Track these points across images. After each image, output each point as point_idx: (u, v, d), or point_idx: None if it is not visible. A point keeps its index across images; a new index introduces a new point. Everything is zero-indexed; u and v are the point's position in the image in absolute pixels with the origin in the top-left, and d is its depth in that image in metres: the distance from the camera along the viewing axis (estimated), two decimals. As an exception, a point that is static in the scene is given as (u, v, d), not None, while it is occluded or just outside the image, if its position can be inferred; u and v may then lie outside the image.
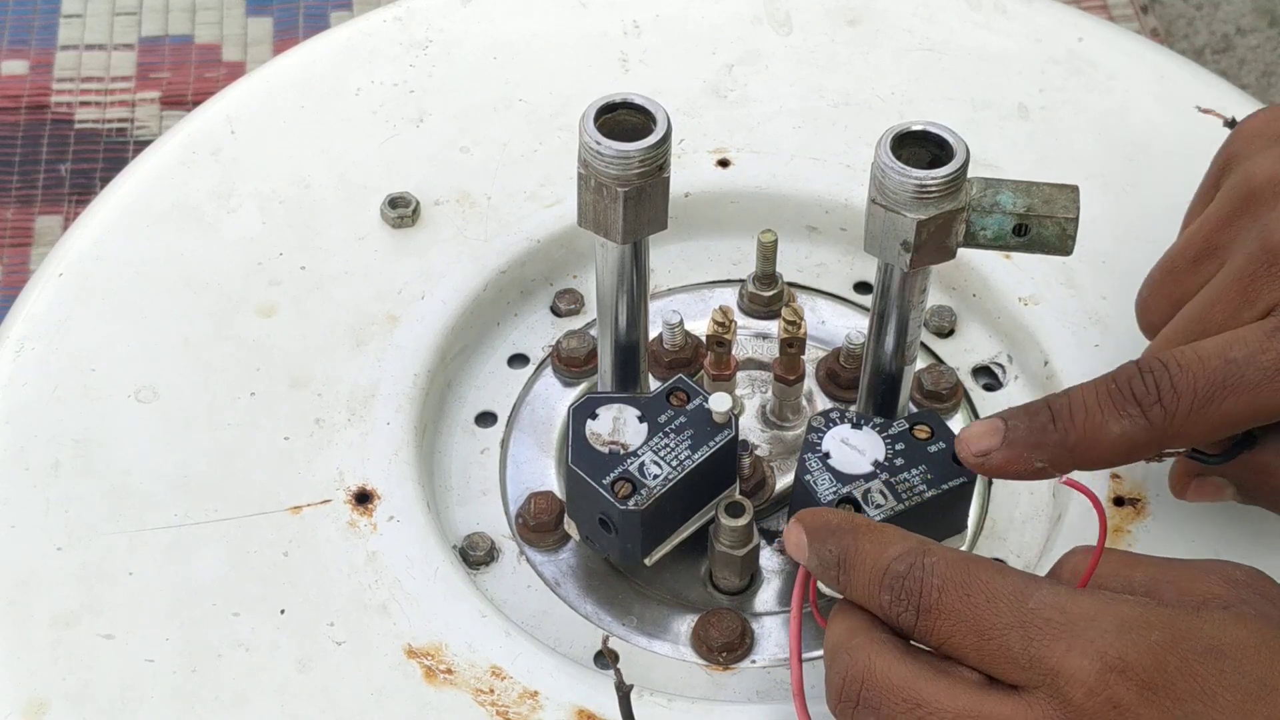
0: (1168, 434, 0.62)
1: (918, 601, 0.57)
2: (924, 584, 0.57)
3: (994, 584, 0.57)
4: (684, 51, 0.88)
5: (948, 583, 0.57)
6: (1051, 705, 0.55)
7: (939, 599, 0.57)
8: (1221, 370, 0.61)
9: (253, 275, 0.78)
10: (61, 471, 0.72)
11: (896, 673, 0.57)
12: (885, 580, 0.58)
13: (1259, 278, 0.63)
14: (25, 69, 1.51)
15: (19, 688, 0.66)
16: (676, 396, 0.68)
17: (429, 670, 0.67)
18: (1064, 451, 0.62)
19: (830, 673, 0.59)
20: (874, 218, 0.62)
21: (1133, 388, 0.62)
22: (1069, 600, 0.56)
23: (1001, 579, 0.57)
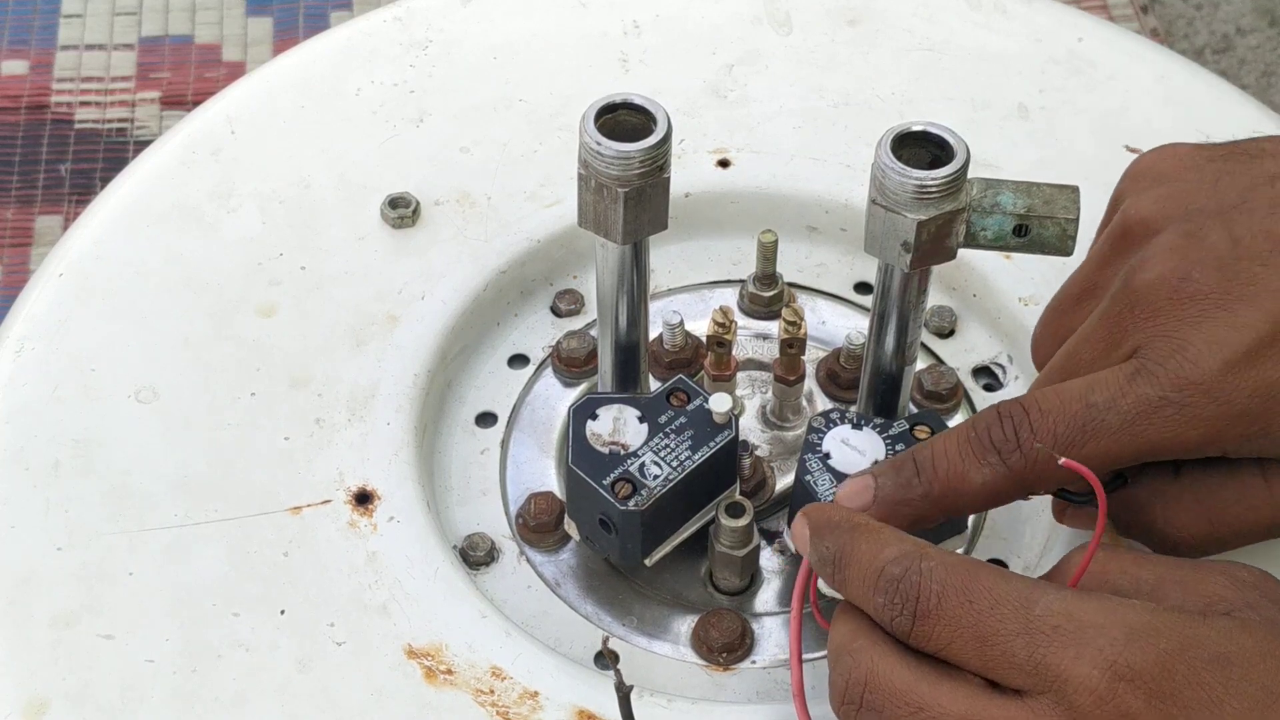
0: (1028, 480, 0.62)
1: (914, 606, 0.57)
2: (920, 588, 0.57)
3: (997, 589, 0.56)
4: (684, 51, 0.88)
5: (947, 588, 0.56)
6: (1057, 710, 0.54)
7: (938, 604, 0.56)
8: (1082, 415, 0.61)
9: (253, 275, 0.78)
10: (61, 471, 0.72)
11: (899, 676, 0.57)
12: (880, 583, 0.58)
13: (1124, 318, 0.63)
14: (25, 69, 1.51)
15: (19, 687, 0.66)
16: (677, 397, 0.68)
17: (429, 671, 0.67)
18: (930, 503, 0.62)
19: (833, 674, 0.59)
20: (874, 218, 0.62)
21: (991, 435, 0.61)
22: (1076, 606, 0.55)
23: (1005, 584, 0.56)
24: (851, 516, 0.61)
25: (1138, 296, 0.63)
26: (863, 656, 0.58)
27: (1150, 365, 0.61)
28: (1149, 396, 0.61)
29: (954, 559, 0.57)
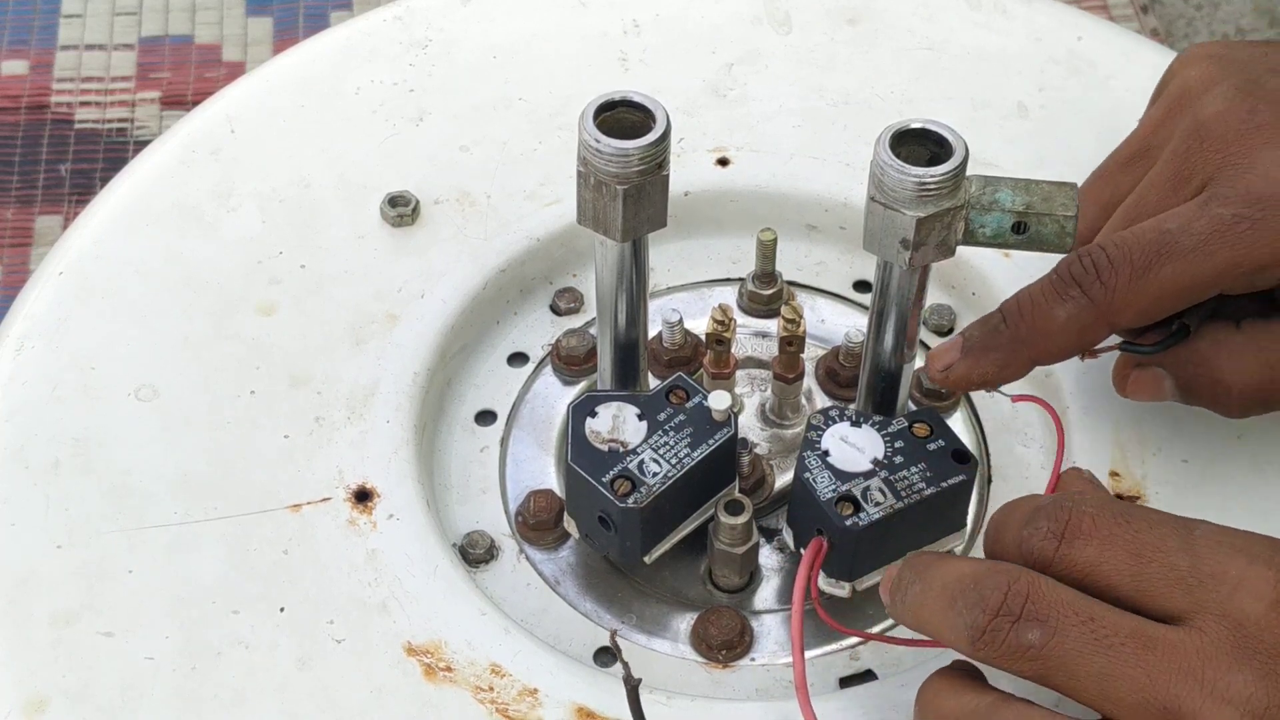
0: (1111, 310, 0.63)
1: (1062, 528, 0.56)
2: (1072, 512, 0.56)
3: (1152, 514, 0.57)
4: (684, 51, 0.88)
5: (1102, 509, 0.56)
6: (1222, 627, 0.53)
7: (1090, 524, 0.56)
8: (1156, 239, 0.63)
9: (252, 274, 0.78)
10: (61, 470, 0.72)
11: (1063, 591, 0.55)
12: (1031, 514, 0.57)
13: (1191, 155, 0.65)
14: (25, 69, 1.51)
15: (19, 686, 0.66)
16: (676, 395, 0.68)
17: (428, 668, 0.67)
18: (1017, 345, 0.63)
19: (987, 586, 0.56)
20: (873, 216, 0.62)
21: (1072, 271, 0.63)
22: (1233, 532, 0.55)
23: (1157, 513, 0.57)
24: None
25: (1207, 130, 0.64)
26: (1020, 573, 0.56)
27: (1222, 190, 0.62)
28: (1222, 216, 0.62)
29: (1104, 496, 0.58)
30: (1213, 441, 0.73)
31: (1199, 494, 0.71)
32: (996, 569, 0.57)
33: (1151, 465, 0.72)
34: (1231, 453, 0.73)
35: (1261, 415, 0.68)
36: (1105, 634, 0.54)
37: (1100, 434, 0.73)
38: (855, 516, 0.65)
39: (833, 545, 0.65)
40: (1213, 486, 0.72)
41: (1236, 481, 0.72)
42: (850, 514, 0.65)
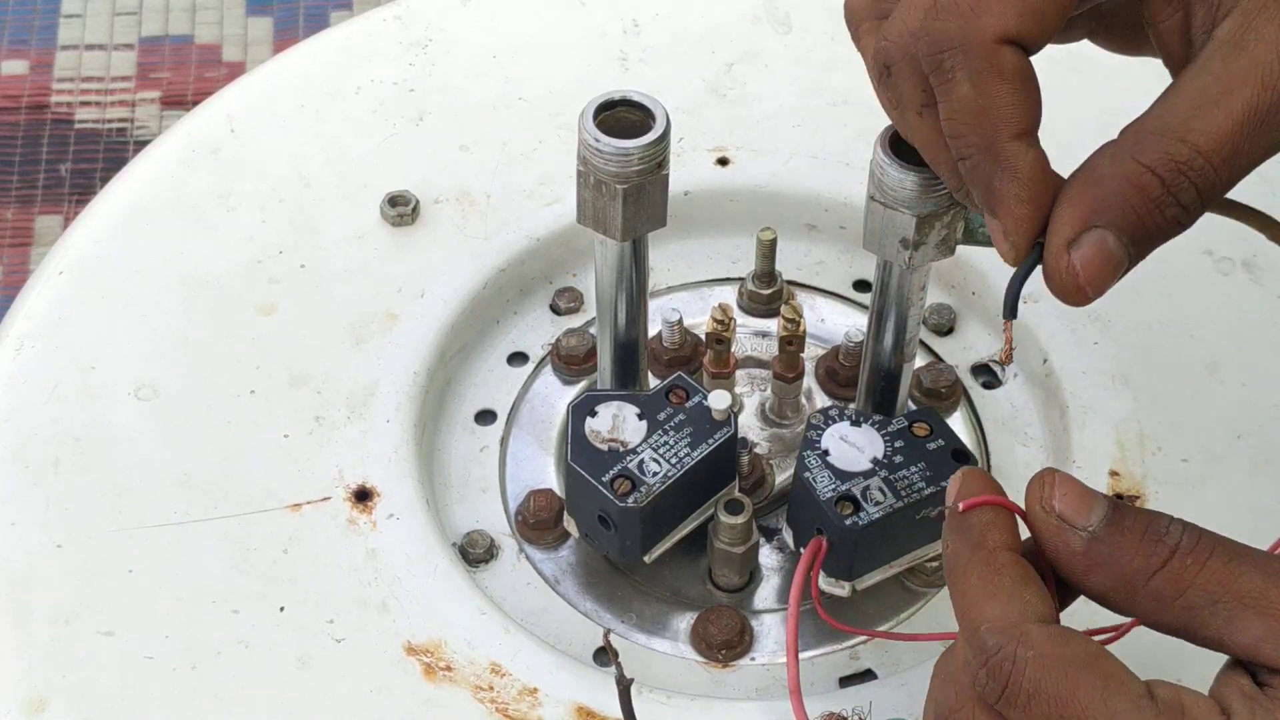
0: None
1: (1001, 690, 0.52)
2: (1011, 677, 0.51)
3: (1092, 710, 0.50)
4: (683, 50, 0.88)
5: (1040, 689, 0.51)
6: None
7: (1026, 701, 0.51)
8: None
9: (252, 273, 0.78)
10: (61, 469, 0.72)
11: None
12: (973, 641, 0.53)
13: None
14: (25, 69, 1.51)
15: (19, 685, 0.66)
16: (676, 394, 0.68)
17: (428, 667, 0.67)
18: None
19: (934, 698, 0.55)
20: (873, 215, 0.62)
21: None
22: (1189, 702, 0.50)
23: (1103, 704, 0.50)
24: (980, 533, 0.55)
25: None
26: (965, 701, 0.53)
27: None
28: None
29: (1054, 652, 0.51)
30: (1213, 441, 0.73)
31: (1199, 494, 0.71)
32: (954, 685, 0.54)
33: (1151, 465, 0.72)
34: (1231, 453, 0.73)
35: (1261, 415, 0.67)
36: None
37: (1100, 434, 0.73)
38: (855, 516, 0.65)
39: (832, 545, 0.65)
40: (1213, 486, 0.72)
41: (1236, 481, 0.72)
42: (850, 513, 0.65)
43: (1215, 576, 0.52)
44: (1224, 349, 0.76)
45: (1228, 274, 0.78)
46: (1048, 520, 0.54)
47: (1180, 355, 0.76)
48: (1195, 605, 0.52)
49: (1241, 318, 0.77)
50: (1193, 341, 0.77)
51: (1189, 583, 0.52)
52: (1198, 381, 0.75)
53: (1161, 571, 0.53)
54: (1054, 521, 0.54)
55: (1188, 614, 0.52)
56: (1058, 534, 0.54)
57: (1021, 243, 0.55)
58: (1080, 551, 0.53)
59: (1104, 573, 0.53)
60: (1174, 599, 0.52)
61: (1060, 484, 0.54)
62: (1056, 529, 0.54)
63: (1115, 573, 0.53)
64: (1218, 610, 0.52)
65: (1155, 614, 0.53)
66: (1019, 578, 0.53)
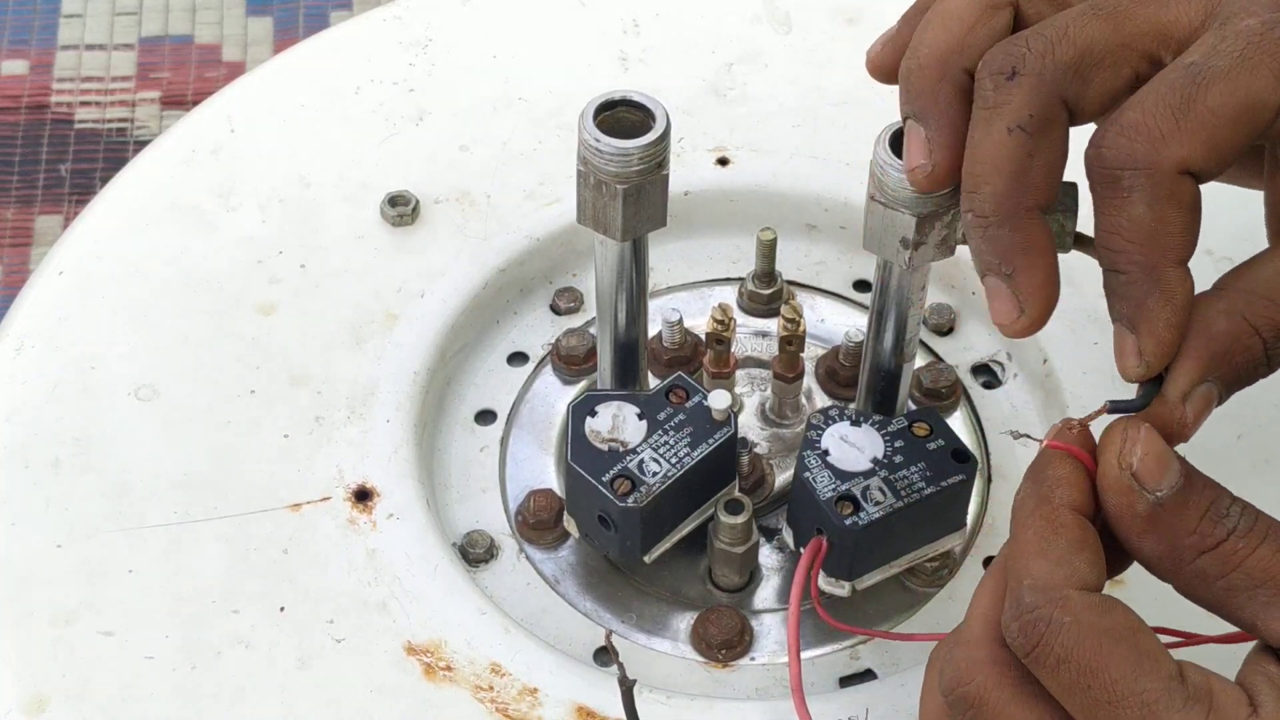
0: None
1: (1031, 650, 0.51)
2: (1044, 640, 0.51)
3: (1122, 685, 0.50)
4: (683, 50, 0.88)
5: (1071, 656, 0.51)
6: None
7: (1055, 666, 0.51)
8: (1184, 75, 0.54)
9: (252, 273, 0.78)
10: (61, 469, 0.72)
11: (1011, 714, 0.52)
12: (1011, 598, 0.52)
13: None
14: (25, 69, 1.51)
15: (19, 685, 0.66)
16: (676, 394, 0.68)
17: (428, 667, 0.67)
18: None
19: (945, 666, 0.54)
20: (873, 215, 0.62)
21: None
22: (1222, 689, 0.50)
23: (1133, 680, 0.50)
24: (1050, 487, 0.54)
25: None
26: (978, 671, 0.53)
27: (1234, 6, 0.54)
28: (1252, 27, 0.53)
29: (1092, 621, 0.51)
30: (1213, 441, 0.73)
31: (1199, 493, 0.71)
32: (967, 652, 0.54)
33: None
34: (1231, 453, 0.73)
35: (1261, 415, 0.67)
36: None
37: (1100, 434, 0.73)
38: (855, 516, 0.65)
39: (832, 545, 0.65)
40: (1212, 486, 0.72)
41: (1236, 481, 0.72)
42: (850, 513, 0.65)
43: (1262, 563, 0.52)
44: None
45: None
46: (1120, 478, 0.54)
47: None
48: (1236, 587, 0.52)
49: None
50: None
51: (1235, 565, 0.53)
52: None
53: (1212, 552, 0.53)
54: (1126, 479, 0.54)
55: (1226, 594, 0.53)
56: (1125, 493, 0.54)
57: (1156, 365, 0.55)
58: (1143, 515, 0.53)
59: (1157, 541, 0.53)
60: (1217, 579, 0.53)
61: (1144, 444, 0.54)
62: (1126, 488, 0.54)
63: (1169, 543, 0.53)
64: (1257, 595, 0.52)
65: (1195, 589, 0.53)
66: (1075, 541, 0.53)
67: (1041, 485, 0.54)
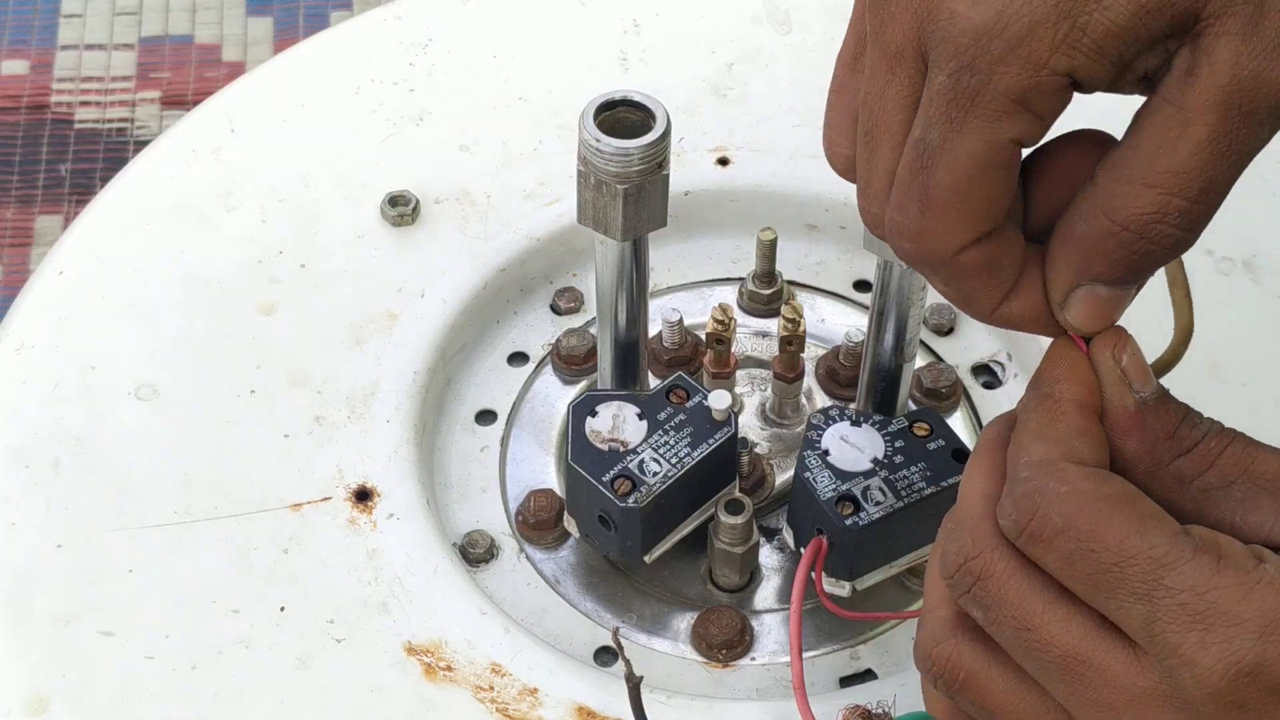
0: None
1: (1023, 526, 0.51)
2: (1039, 513, 0.51)
3: (1128, 545, 0.49)
4: (684, 50, 0.88)
5: (1070, 525, 0.50)
6: (1166, 684, 0.50)
7: (1053, 536, 0.50)
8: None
9: (253, 273, 0.78)
10: (61, 469, 0.72)
11: (1014, 585, 0.52)
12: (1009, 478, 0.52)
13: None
14: (25, 69, 1.51)
15: (19, 685, 0.66)
16: (676, 394, 0.68)
17: (429, 667, 0.67)
18: None
19: (948, 545, 0.54)
20: (873, 215, 0.62)
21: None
22: (1212, 583, 0.49)
23: (1139, 539, 0.50)
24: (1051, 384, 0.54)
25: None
26: (983, 545, 0.52)
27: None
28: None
29: (1090, 488, 0.51)
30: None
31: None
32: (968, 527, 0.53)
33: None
34: (1231, 452, 0.73)
35: (1261, 415, 0.67)
36: (1037, 647, 0.51)
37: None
38: (855, 516, 0.65)
39: (833, 545, 0.65)
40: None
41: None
42: (850, 513, 0.65)
43: (1233, 459, 0.53)
44: (1224, 349, 0.76)
45: (1228, 274, 0.79)
46: (1113, 369, 0.54)
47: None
48: (1211, 486, 0.53)
49: (1241, 318, 0.77)
50: (1193, 341, 0.77)
51: (1209, 463, 0.53)
52: (1198, 381, 0.75)
53: (1188, 454, 0.53)
54: (1117, 373, 0.54)
55: (1203, 495, 0.53)
56: (1118, 385, 0.54)
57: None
58: (1131, 411, 0.54)
59: (1140, 439, 0.53)
60: (1192, 479, 0.53)
61: (1132, 348, 0.54)
62: (1118, 381, 0.54)
63: (1149, 443, 0.53)
64: (1231, 491, 0.52)
65: (1172, 493, 0.53)
66: (1075, 427, 0.53)
67: (1043, 383, 0.55)
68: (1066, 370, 0.54)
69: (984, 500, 0.54)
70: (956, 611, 0.54)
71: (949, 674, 0.54)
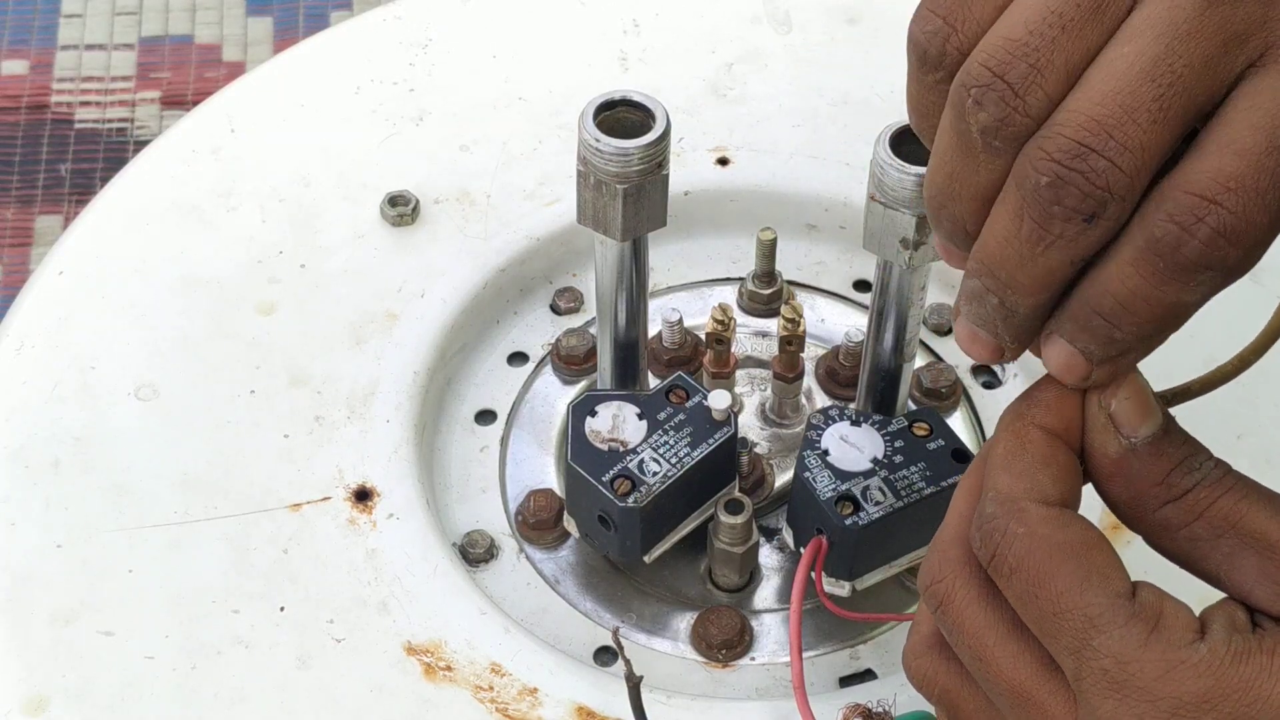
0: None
1: (989, 558, 0.52)
2: (999, 549, 0.52)
3: (1065, 599, 0.51)
4: (683, 50, 0.88)
5: (1022, 566, 0.51)
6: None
7: (1009, 574, 0.52)
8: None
9: (252, 273, 0.78)
10: (61, 469, 0.72)
11: (973, 615, 0.53)
12: (977, 508, 0.53)
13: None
14: (25, 69, 1.51)
15: (19, 685, 0.66)
16: (676, 394, 0.68)
17: (428, 667, 0.67)
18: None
19: (924, 564, 0.55)
20: (873, 215, 0.62)
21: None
22: (1135, 655, 0.50)
23: (1077, 595, 0.51)
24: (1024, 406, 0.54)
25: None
26: (948, 571, 0.54)
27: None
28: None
29: (1045, 534, 0.51)
30: (1213, 441, 0.73)
31: (1199, 493, 0.71)
32: (939, 551, 0.54)
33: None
34: (1231, 453, 0.73)
35: (1261, 415, 0.67)
36: (988, 677, 0.53)
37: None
38: (855, 516, 0.65)
39: (832, 545, 0.65)
40: (1212, 486, 0.72)
41: (1236, 481, 0.72)
42: (850, 513, 0.65)
43: (1223, 512, 0.52)
44: (1224, 349, 0.76)
45: (1228, 274, 0.78)
46: (1098, 416, 0.54)
47: (1180, 355, 0.76)
48: (1199, 537, 0.52)
49: (1241, 318, 0.77)
50: (1193, 341, 0.76)
51: (1198, 515, 0.53)
52: (1198, 381, 0.75)
53: (1176, 502, 0.53)
54: (1102, 419, 0.54)
55: (1190, 544, 0.53)
56: (1100, 433, 0.54)
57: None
58: (1111, 458, 0.54)
59: (1123, 486, 0.54)
60: (1179, 528, 0.53)
61: (1127, 388, 0.54)
62: (1101, 428, 0.54)
63: (1134, 490, 0.53)
64: (1219, 545, 0.52)
65: (1160, 539, 0.53)
66: (1040, 457, 0.53)
67: (1021, 403, 0.55)
68: (1050, 397, 0.54)
69: (960, 521, 0.55)
70: (936, 629, 0.56)
71: (926, 687, 0.56)
